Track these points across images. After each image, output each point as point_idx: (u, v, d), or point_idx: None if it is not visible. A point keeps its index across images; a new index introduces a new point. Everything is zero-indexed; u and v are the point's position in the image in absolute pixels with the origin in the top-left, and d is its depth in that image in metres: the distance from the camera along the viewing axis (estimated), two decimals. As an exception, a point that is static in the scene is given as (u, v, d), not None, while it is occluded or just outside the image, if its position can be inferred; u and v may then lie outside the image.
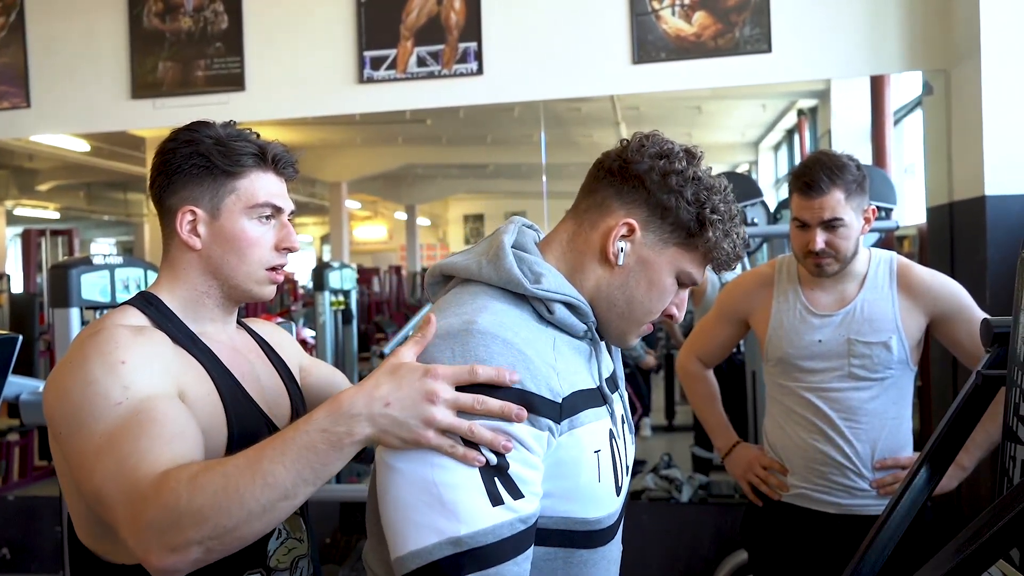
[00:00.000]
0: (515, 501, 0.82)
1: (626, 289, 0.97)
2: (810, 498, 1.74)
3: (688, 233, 0.95)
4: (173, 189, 1.07)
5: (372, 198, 11.03)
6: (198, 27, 3.07)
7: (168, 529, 0.80)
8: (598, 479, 0.92)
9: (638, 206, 0.96)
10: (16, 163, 7.71)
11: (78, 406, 0.91)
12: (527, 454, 0.83)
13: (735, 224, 0.97)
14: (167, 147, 1.07)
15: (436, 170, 9.15)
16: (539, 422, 0.84)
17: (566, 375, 0.91)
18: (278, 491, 0.81)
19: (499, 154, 7.68)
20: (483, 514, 0.80)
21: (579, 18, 2.85)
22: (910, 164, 4.13)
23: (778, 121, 5.85)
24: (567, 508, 0.90)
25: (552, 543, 0.90)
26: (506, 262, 0.94)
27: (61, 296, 2.09)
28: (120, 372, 0.92)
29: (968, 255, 2.49)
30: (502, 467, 0.82)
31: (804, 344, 1.73)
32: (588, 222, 0.99)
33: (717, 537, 2.88)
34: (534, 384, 0.85)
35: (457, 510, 0.80)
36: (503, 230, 0.99)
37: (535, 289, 0.92)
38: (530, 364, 0.86)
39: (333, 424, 0.81)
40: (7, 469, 4.19)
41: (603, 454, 0.94)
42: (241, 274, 1.08)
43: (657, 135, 0.99)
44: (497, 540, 0.80)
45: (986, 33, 2.37)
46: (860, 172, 1.66)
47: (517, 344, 0.86)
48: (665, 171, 0.95)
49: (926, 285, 1.70)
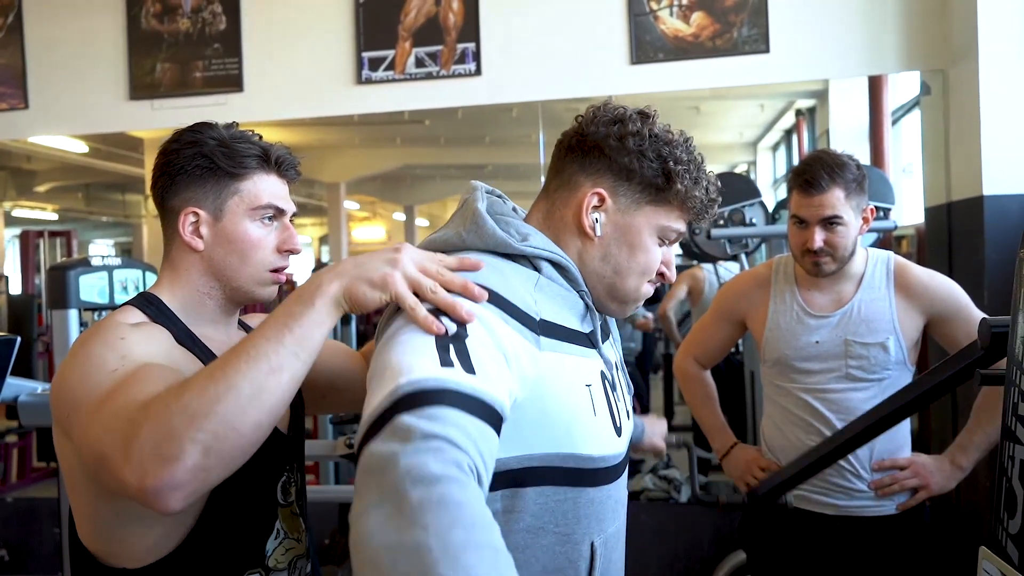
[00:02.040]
0: (465, 373, 0.76)
1: (610, 258, 0.98)
2: (808, 499, 1.74)
3: (657, 189, 0.97)
4: (176, 190, 1.06)
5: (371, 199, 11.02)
6: (196, 28, 3.07)
7: (162, 440, 0.77)
8: (593, 412, 0.93)
9: (603, 174, 0.98)
10: (14, 164, 7.70)
11: (79, 382, 0.91)
12: (489, 339, 0.82)
13: (702, 171, 0.99)
14: (170, 148, 1.07)
15: (434, 171, 9.15)
16: (513, 323, 0.86)
17: (545, 308, 0.92)
18: (263, 363, 0.80)
19: (497, 155, 7.67)
20: (427, 369, 0.75)
21: (577, 19, 2.85)
22: (908, 164, 4.14)
23: (776, 121, 5.85)
24: (569, 444, 0.90)
25: (560, 482, 0.90)
26: (487, 225, 0.96)
27: (59, 297, 2.09)
28: (118, 346, 0.93)
29: (966, 255, 2.49)
30: (460, 336, 0.80)
31: (801, 345, 1.73)
32: (560, 200, 1.00)
33: (716, 537, 2.88)
34: (509, 294, 0.88)
35: (403, 368, 0.75)
36: (472, 198, 1.00)
37: (522, 247, 0.94)
38: (509, 282, 0.90)
39: (305, 287, 0.85)
40: (6, 471, 4.19)
41: (595, 389, 0.95)
42: (243, 276, 1.08)
43: (609, 104, 1.01)
44: (436, 388, 0.73)
45: (983, 33, 2.38)
46: (860, 171, 1.66)
47: (501, 270, 0.91)
48: (621, 134, 0.96)
49: (923, 285, 1.69)
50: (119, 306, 1.07)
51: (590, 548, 0.94)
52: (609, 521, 0.98)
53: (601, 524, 0.96)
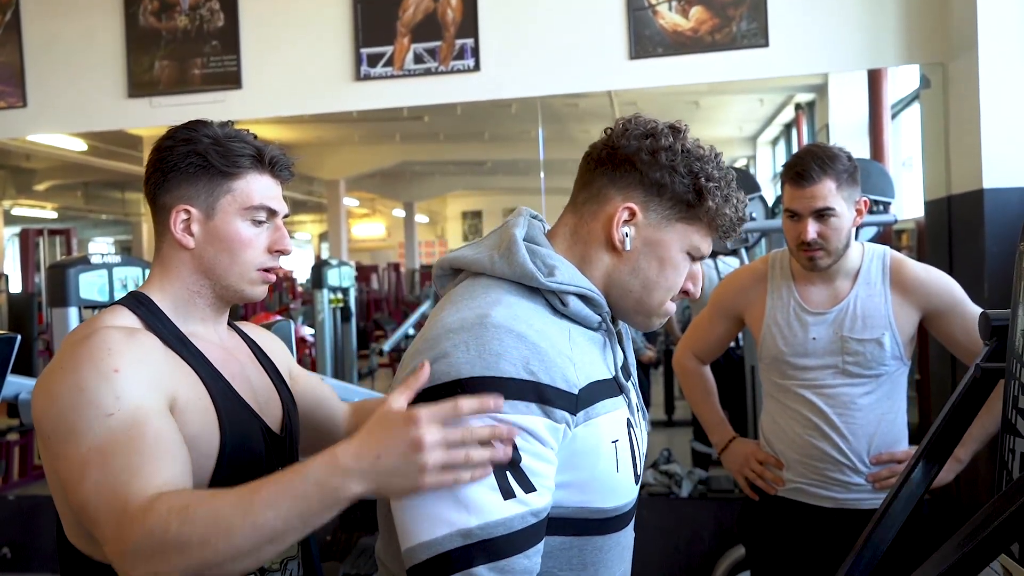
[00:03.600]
0: (527, 495, 0.81)
1: (638, 273, 0.97)
2: (806, 492, 1.75)
3: (688, 205, 0.96)
4: (168, 187, 1.06)
5: (370, 195, 11.03)
6: (194, 25, 3.06)
7: (153, 556, 0.81)
8: (616, 469, 0.92)
9: (633, 189, 0.96)
10: (13, 163, 7.71)
11: (68, 413, 0.90)
12: (540, 447, 0.83)
13: (732, 188, 0.97)
14: (164, 145, 1.07)
15: (434, 167, 9.15)
16: (554, 414, 0.84)
17: (582, 366, 0.91)
18: (266, 535, 0.81)
19: (497, 150, 7.68)
20: (494, 507, 0.80)
21: (576, 14, 2.85)
22: (908, 158, 4.14)
23: (776, 116, 5.85)
24: (585, 499, 0.90)
25: (568, 532, 0.90)
26: (519, 256, 0.94)
27: (59, 295, 2.09)
28: (112, 381, 0.91)
29: (966, 248, 2.49)
30: (514, 461, 0.81)
31: (798, 342, 1.73)
32: (588, 213, 0.99)
33: (717, 532, 2.89)
34: (548, 376, 0.85)
35: (468, 503, 0.79)
36: (513, 223, 0.99)
37: (549, 282, 0.93)
38: (544, 356, 0.86)
39: (328, 476, 0.81)
40: (7, 469, 4.19)
41: (621, 444, 0.94)
42: (233, 274, 1.07)
43: (640, 117, 0.99)
44: (508, 532, 0.80)
45: (983, 26, 2.37)
46: (851, 163, 1.66)
47: (531, 337, 0.86)
48: (654, 149, 0.95)
49: (919, 281, 1.69)
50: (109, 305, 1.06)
51: None
52: (615, 567, 0.97)
53: (609, 570, 0.95)
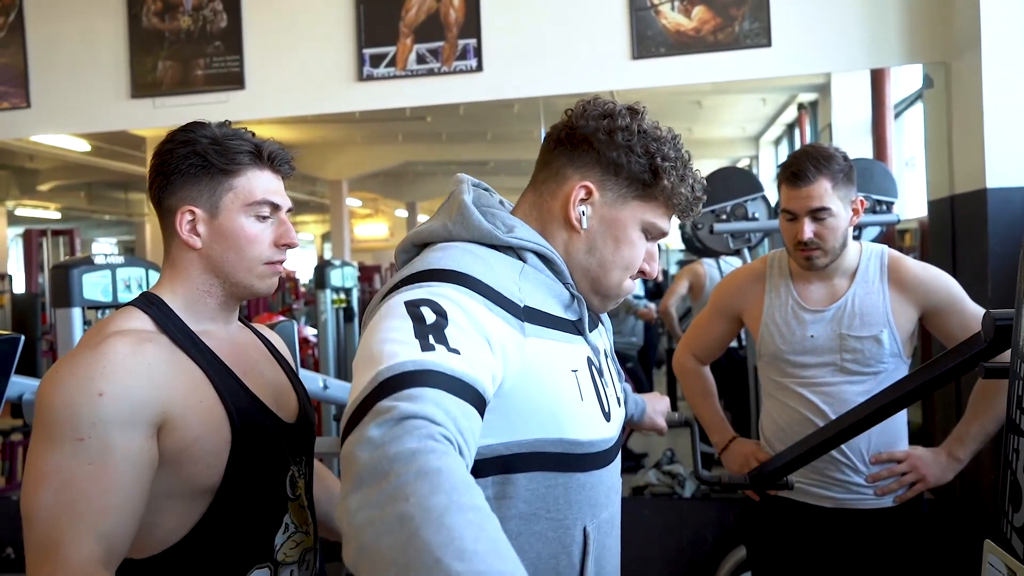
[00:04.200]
0: (448, 353, 0.77)
1: (595, 251, 0.99)
2: (807, 492, 1.75)
3: (644, 184, 0.98)
4: (172, 190, 1.07)
5: (373, 196, 11.03)
6: (197, 26, 3.07)
7: None
8: (580, 397, 0.94)
9: (591, 168, 0.99)
10: (17, 163, 7.72)
11: (51, 416, 0.94)
12: (469, 323, 0.82)
13: (688, 168, 1.00)
14: (164, 148, 1.08)
15: (436, 167, 9.15)
16: (495, 309, 0.87)
17: (529, 295, 0.93)
18: None
19: (499, 150, 7.68)
20: (408, 355, 0.75)
21: (578, 14, 2.85)
22: (911, 157, 4.13)
23: (778, 115, 5.84)
24: (556, 429, 0.91)
25: (550, 467, 0.91)
26: (474, 217, 0.97)
27: (63, 296, 2.09)
28: (94, 405, 0.93)
29: (970, 248, 2.49)
30: (439, 325, 0.80)
31: (796, 340, 1.73)
32: (547, 192, 1.02)
33: (720, 532, 2.89)
34: (495, 282, 0.89)
35: (383, 355, 0.75)
36: (459, 191, 1.01)
37: (508, 238, 0.96)
38: (494, 270, 0.91)
39: None
40: (11, 469, 4.20)
41: (582, 375, 0.95)
42: (241, 271, 1.09)
43: (599, 98, 1.02)
44: (417, 369, 0.73)
45: (986, 25, 2.37)
46: (847, 163, 1.67)
47: (486, 259, 0.92)
48: (610, 129, 0.98)
49: (917, 279, 1.70)
50: (122, 305, 1.08)
51: (583, 533, 0.95)
52: (602, 507, 0.98)
53: (594, 509, 0.97)
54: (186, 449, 0.99)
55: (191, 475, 1.00)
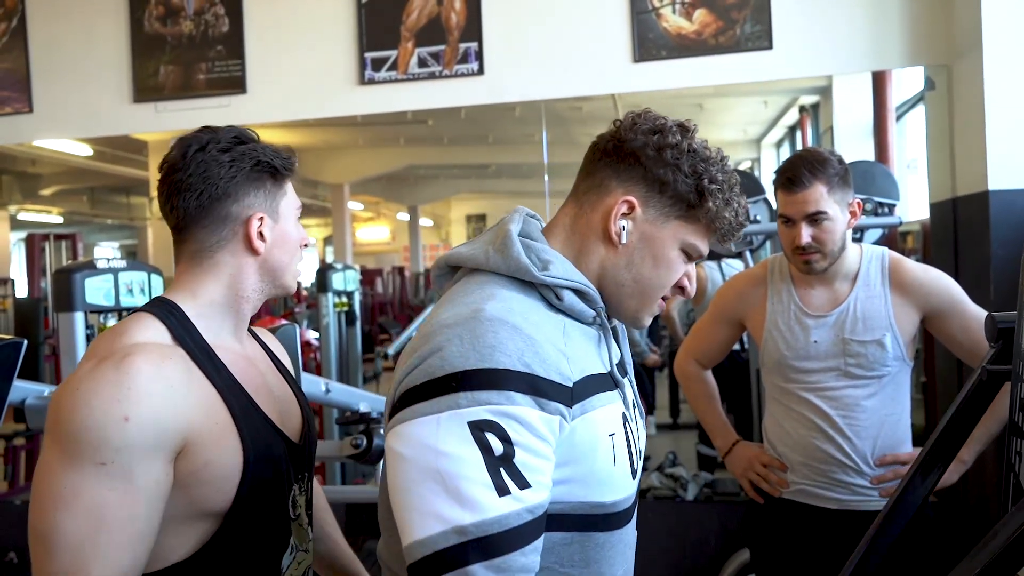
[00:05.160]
0: (521, 491, 0.81)
1: (632, 267, 0.97)
2: (810, 494, 1.75)
3: (688, 205, 0.96)
4: (233, 196, 1.06)
5: (374, 199, 11.04)
6: (199, 30, 3.07)
7: None
8: (614, 462, 0.92)
9: (636, 183, 0.96)
10: (19, 168, 7.73)
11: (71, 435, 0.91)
12: (534, 440, 0.82)
13: (735, 193, 0.98)
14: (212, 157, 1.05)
15: (438, 170, 9.16)
16: (549, 406, 0.84)
17: (576, 360, 0.90)
18: None
19: (501, 154, 7.68)
20: (488, 504, 0.79)
21: (580, 17, 2.85)
22: (913, 160, 4.13)
23: (780, 118, 5.84)
24: (584, 493, 0.90)
25: (569, 527, 0.90)
26: (514, 250, 0.94)
27: (65, 300, 2.09)
28: (119, 430, 0.90)
29: (972, 250, 2.48)
30: (508, 456, 0.81)
31: (800, 345, 1.73)
32: (588, 204, 0.99)
33: (723, 535, 2.88)
34: (543, 369, 0.85)
35: (462, 498, 0.79)
36: (508, 219, 0.99)
37: (543, 276, 0.93)
38: (539, 349, 0.85)
39: None
40: (14, 473, 4.20)
41: (617, 438, 0.94)
42: (290, 273, 1.13)
43: (649, 112, 1.00)
44: (503, 530, 0.79)
45: (988, 27, 2.37)
46: (842, 166, 1.67)
47: (525, 329, 0.86)
48: (660, 145, 0.95)
49: (918, 281, 1.70)
50: (138, 310, 1.05)
51: None
52: (617, 565, 0.97)
53: (611, 568, 0.95)
54: (196, 472, 0.97)
55: (199, 497, 0.98)
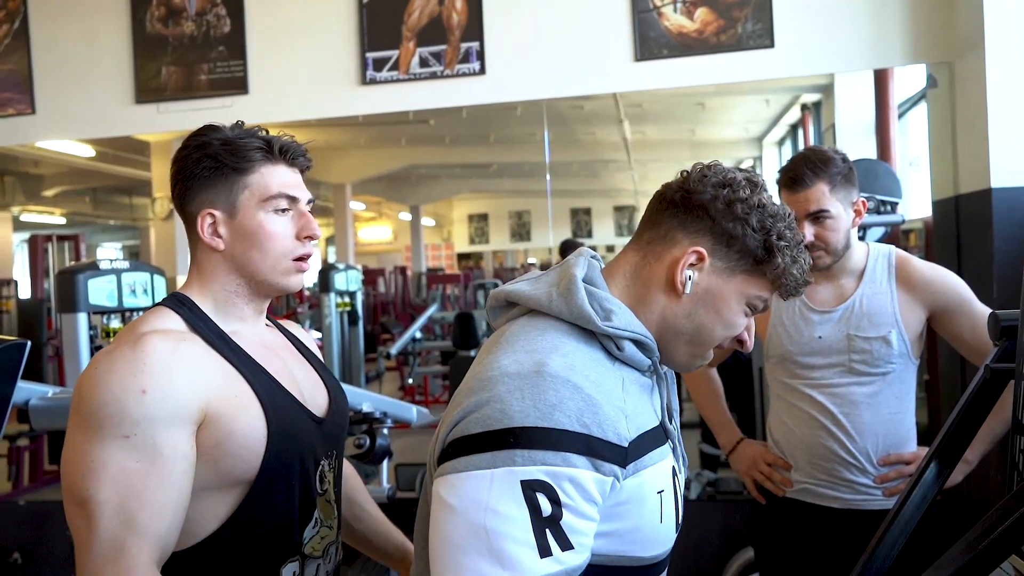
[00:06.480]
0: (563, 553, 0.81)
1: (694, 317, 0.97)
2: (814, 493, 1.74)
3: (755, 260, 0.95)
4: (191, 195, 1.09)
5: (376, 199, 11.05)
6: (201, 31, 3.08)
7: None
8: (660, 519, 0.92)
9: (703, 235, 0.96)
10: (22, 169, 7.75)
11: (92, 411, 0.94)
12: (584, 503, 0.83)
13: (801, 250, 0.98)
14: (180, 155, 1.10)
15: (440, 170, 9.16)
16: (604, 467, 0.84)
17: (634, 417, 0.91)
18: None
19: (502, 153, 7.68)
20: (529, 565, 0.80)
21: (581, 16, 2.85)
22: (915, 157, 4.12)
23: (782, 116, 5.84)
24: (625, 548, 0.90)
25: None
26: (578, 297, 0.94)
27: (69, 301, 2.10)
28: (138, 402, 0.94)
29: (974, 248, 2.48)
30: (555, 518, 0.82)
31: (804, 341, 1.73)
32: (653, 254, 0.98)
33: (726, 534, 2.88)
34: (600, 430, 0.85)
35: (504, 558, 0.80)
36: (573, 263, 0.99)
37: (606, 327, 0.93)
38: (598, 409, 0.86)
39: None
40: (18, 474, 4.21)
41: (666, 494, 0.94)
42: (266, 268, 1.09)
43: (717, 164, 1.00)
44: None
45: (990, 25, 2.36)
46: (846, 165, 1.67)
47: (586, 388, 0.87)
48: (729, 200, 0.95)
49: (925, 279, 1.70)
50: (152, 307, 1.09)
51: None
52: None
53: None
54: (221, 443, 1.00)
55: (226, 469, 1.01)
